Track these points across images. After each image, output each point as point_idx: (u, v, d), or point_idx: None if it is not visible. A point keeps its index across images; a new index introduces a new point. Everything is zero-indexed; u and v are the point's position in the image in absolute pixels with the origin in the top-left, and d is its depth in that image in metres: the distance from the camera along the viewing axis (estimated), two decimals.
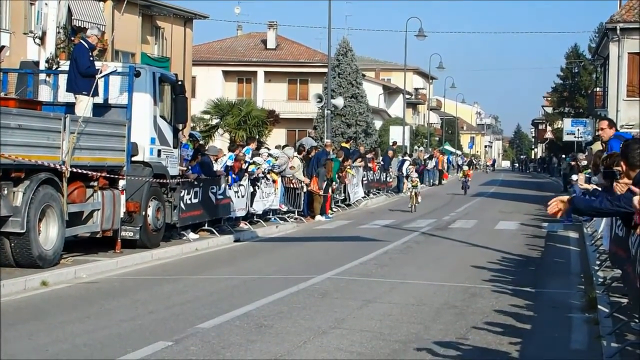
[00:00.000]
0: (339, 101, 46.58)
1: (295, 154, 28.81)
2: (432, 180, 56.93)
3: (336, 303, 12.89)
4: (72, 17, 37.80)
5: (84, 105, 16.25)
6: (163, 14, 49.94)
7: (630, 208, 7.88)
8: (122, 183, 16.96)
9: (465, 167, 52.32)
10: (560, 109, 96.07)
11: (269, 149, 28.38)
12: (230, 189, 22.34)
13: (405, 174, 46.80)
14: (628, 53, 41.51)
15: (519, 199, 42.56)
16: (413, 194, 33.52)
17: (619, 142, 14.56)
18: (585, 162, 27.31)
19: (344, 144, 39.02)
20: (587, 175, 21.03)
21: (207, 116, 48.03)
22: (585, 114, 74.52)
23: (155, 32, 50.18)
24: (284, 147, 31.35)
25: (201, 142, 24.54)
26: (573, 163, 36.15)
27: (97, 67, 16.78)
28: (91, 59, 16.74)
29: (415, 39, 57.90)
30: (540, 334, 11.19)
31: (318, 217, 28.60)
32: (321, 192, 28.88)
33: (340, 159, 32.02)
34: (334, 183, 30.72)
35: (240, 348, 9.83)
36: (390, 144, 55.69)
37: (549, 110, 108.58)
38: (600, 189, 13.65)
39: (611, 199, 7.98)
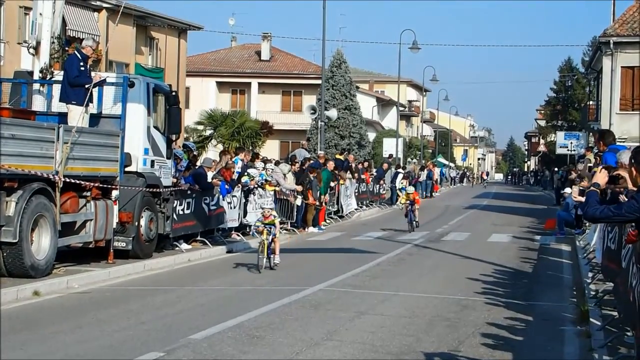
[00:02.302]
0: (333, 113, 46.66)
1: (286, 167, 28.79)
2: (424, 193, 57.04)
3: (329, 314, 12.88)
4: (67, 27, 37.81)
5: (76, 115, 16.22)
6: (157, 25, 49.97)
7: (631, 215, 7.86)
8: (115, 193, 16.96)
9: (410, 189, 31.65)
10: (554, 122, 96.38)
11: (265, 162, 28.36)
12: (223, 199, 22.33)
13: (398, 186, 46.93)
14: (621, 67, 41.64)
15: (512, 212, 42.62)
16: (264, 239, 17.60)
17: (612, 155, 14.63)
18: (574, 175, 27.41)
19: (337, 156, 39.04)
20: (581, 188, 21.16)
21: (200, 127, 48.15)
22: (579, 127, 74.72)
23: (149, 42, 50.20)
24: (276, 162, 31.36)
25: (195, 152, 24.51)
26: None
27: (90, 78, 16.76)
28: (82, 69, 16.70)
29: (409, 52, 58.14)
30: (532, 346, 11.20)
31: (310, 229, 28.57)
32: (317, 203, 28.89)
33: (330, 169, 32.07)
34: (324, 196, 30.61)
35: (232, 359, 9.82)
36: (386, 156, 55.73)
37: (542, 123, 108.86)
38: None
39: (613, 208, 7.96)
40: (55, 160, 14.92)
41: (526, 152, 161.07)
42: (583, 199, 15.51)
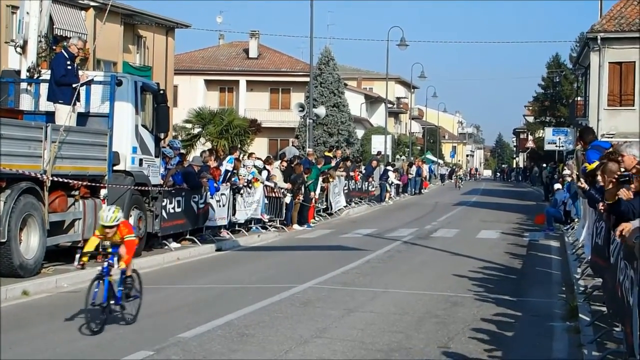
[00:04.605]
0: (321, 110, 46.61)
1: (276, 164, 28.81)
2: (413, 189, 57.19)
3: (318, 312, 12.88)
4: (54, 26, 37.70)
5: (63, 114, 16.19)
6: (145, 23, 49.83)
7: None
8: (103, 192, 16.92)
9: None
10: (542, 118, 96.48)
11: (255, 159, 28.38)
12: (212, 197, 22.30)
13: (389, 183, 46.99)
14: (609, 62, 41.70)
15: (501, 208, 42.66)
16: None
17: (595, 152, 14.68)
18: (568, 172, 27.46)
19: (327, 153, 39.04)
20: (577, 174, 21.30)
21: (189, 125, 47.94)
22: (567, 123, 74.88)
23: (137, 41, 50.04)
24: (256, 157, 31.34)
25: (182, 151, 24.46)
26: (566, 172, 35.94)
27: (77, 77, 16.70)
28: (69, 68, 16.64)
29: (397, 49, 58.21)
30: (521, 342, 11.22)
31: (295, 226, 28.52)
32: (301, 198, 28.90)
33: (319, 166, 32.12)
34: (313, 192, 30.58)
35: (222, 357, 9.81)
36: (374, 153, 55.68)
37: (531, 119, 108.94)
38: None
39: None
40: (43, 159, 14.89)
41: (514, 149, 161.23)
42: (585, 186, 15.50)
